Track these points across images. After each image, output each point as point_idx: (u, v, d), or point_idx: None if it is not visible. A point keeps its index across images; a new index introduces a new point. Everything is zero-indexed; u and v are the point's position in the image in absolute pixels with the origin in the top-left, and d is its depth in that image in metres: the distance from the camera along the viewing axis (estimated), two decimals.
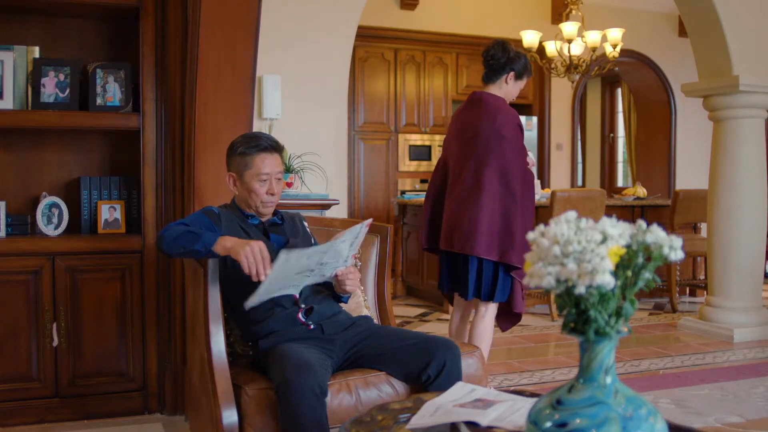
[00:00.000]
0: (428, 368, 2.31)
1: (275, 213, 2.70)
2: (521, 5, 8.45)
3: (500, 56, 3.53)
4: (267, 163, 2.56)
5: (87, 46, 3.65)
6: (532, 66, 3.87)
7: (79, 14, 3.58)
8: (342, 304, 2.71)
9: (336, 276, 2.51)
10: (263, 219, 2.64)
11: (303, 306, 2.52)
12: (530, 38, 6.73)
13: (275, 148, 2.60)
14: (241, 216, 2.62)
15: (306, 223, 2.80)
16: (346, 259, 2.45)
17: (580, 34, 6.76)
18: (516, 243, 3.33)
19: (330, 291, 2.64)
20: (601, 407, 1.26)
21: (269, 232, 2.62)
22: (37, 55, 3.41)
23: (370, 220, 2.50)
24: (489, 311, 3.50)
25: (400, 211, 7.30)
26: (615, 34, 6.80)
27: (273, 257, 2.48)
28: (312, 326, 2.50)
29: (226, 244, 2.33)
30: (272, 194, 2.57)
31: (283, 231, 2.65)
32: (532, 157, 3.56)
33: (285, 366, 2.20)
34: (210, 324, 2.34)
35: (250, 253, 2.27)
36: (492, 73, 3.57)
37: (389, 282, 3.12)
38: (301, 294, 2.54)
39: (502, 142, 3.40)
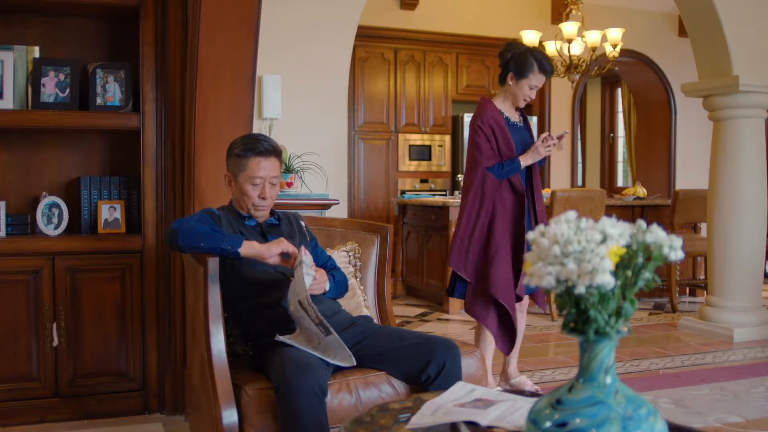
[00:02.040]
0: (428, 368, 2.31)
1: (272, 213, 2.70)
2: (521, 5, 8.45)
3: (502, 57, 3.56)
4: (261, 167, 2.55)
5: (87, 46, 3.65)
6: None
7: (79, 14, 3.58)
8: (342, 304, 2.71)
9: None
10: (260, 220, 2.64)
11: None
12: (530, 38, 6.73)
13: (273, 152, 2.59)
14: (238, 217, 2.62)
15: (303, 222, 2.80)
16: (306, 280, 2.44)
17: (580, 34, 6.76)
18: (454, 248, 3.56)
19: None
20: (601, 407, 1.26)
21: (266, 233, 2.61)
22: (37, 54, 3.41)
23: (303, 247, 2.46)
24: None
25: (400, 210, 7.30)
26: (615, 33, 6.80)
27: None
28: None
29: (254, 245, 2.40)
30: (264, 198, 2.57)
31: (281, 231, 2.65)
32: (553, 137, 3.54)
33: (285, 366, 2.20)
34: (210, 324, 2.34)
35: (288, 246, 2.41)
36: (500, 76, 3.62)
37: (389, 282, 3.12)
38: None
39: (469, 147, 3.59)
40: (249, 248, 2.39)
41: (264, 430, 2.24)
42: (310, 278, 2.39)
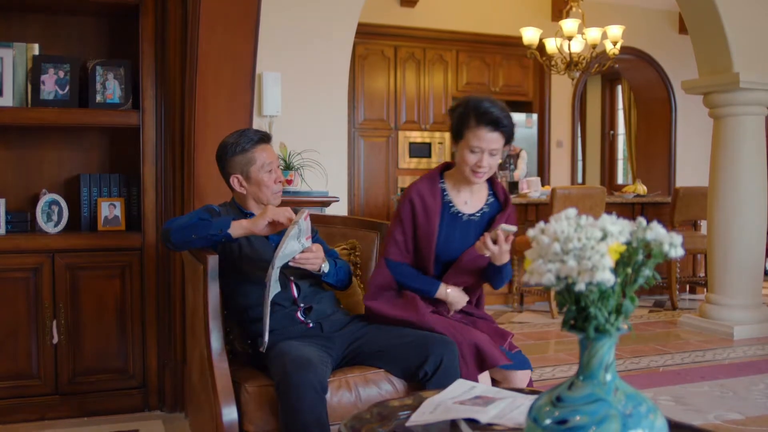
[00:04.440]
0: (425, 364, 2.31)
1: None
2: (521, 2, 8.44)
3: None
4: (267, 154, 2.59)
5: (87, 43, 3.64)
6: (532, 62, 3.62)
7: (79, 11, 3.58)
8: (342, 302, 2.70)
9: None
10: None
11: (302, 305, 2.52)
12: (530, 35, 6.73)
13: (268, 138, 2.64)
14: (241, 215, 2.61)
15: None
16: (302, 245, 2.40)
17: (580, 31, 6.76)
18: None
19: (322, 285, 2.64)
20: (601, 404, 1.26)
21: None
22: (36, 52, 3.41)
23: (306, 212, 2.38)
24: None
25: None
26: (615, 31, 6.80)
27: (270, 255, 2.45)
28: (311, 324, 2.50)
29: (242, 223, 2.40)
30: (280, 182, 2.60)
31: (283, 226, 2.63)
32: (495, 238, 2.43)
33: (285, 363, 2.20)
34: (210, 321, 2.34)
35: (275, 212, 2.36)
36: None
37: None
38: (299, 293, 2.54)
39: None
40: (238, 228, 2.40)
41: (264, 426, 2.24)
42: (300, 246, 2.36)
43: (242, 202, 2.64)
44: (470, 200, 2.62)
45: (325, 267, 2.54)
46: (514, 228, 2.41)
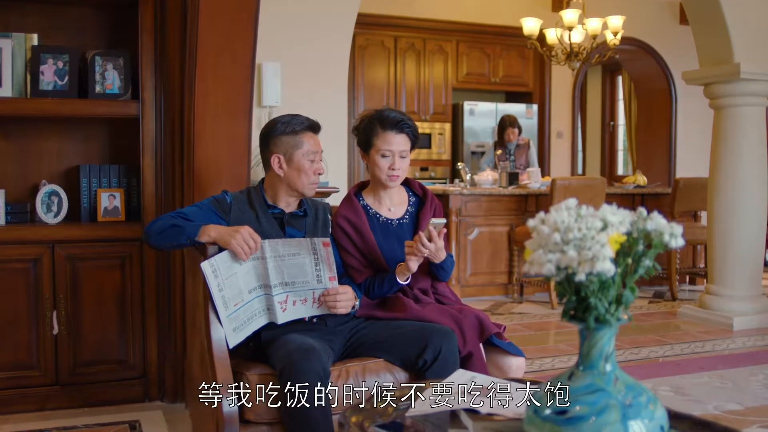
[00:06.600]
0: (424, 353, 2.31)
1: (300, 204, 2.61)
2: None
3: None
4: (315, 142, 2.53)
5: (86, 33, 3.63)
6: (533, 52, 3.63)
7: (78, 2, 3.57)
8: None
9: (320, 298, 2.41)
10: (287, 210, 2.56)
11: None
12: (531, 25, 6.71)
13: (318, 127, 2.58)
14: (263, 204, 2.54)
15: (330, 216, 2.68)
16: (319, 279, 2.36)
17: (580, 22, 6.74)
18: None
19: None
20: (600, 394, 1.26)
21: (286, 225, 2.54)
22: (35, 42, 3.39)
23: (327, 239, 2.34)
24: None
25: None
26: (616, 21, 6.78)
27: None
28: (315, 320, 2.49)
29: (210, 233, 2.33)
30: (320, 173, 2.53)
31: (303, 226, 2.56)
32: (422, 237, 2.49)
33: (289, 349, 2.20)
34: (210, 311, 2.34)
35: (243, 242, 2.28)
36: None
37: None
38: None
39: None
40: (205, 236, 2.33)
41: (265, 415, 2.25)
42: (313, 273, 2.31)
43: (272, 188, 2.55)
44: (393, 206, 2.74)
45: (354, 303, 2.48)
46: (443, 220, 2.49)
